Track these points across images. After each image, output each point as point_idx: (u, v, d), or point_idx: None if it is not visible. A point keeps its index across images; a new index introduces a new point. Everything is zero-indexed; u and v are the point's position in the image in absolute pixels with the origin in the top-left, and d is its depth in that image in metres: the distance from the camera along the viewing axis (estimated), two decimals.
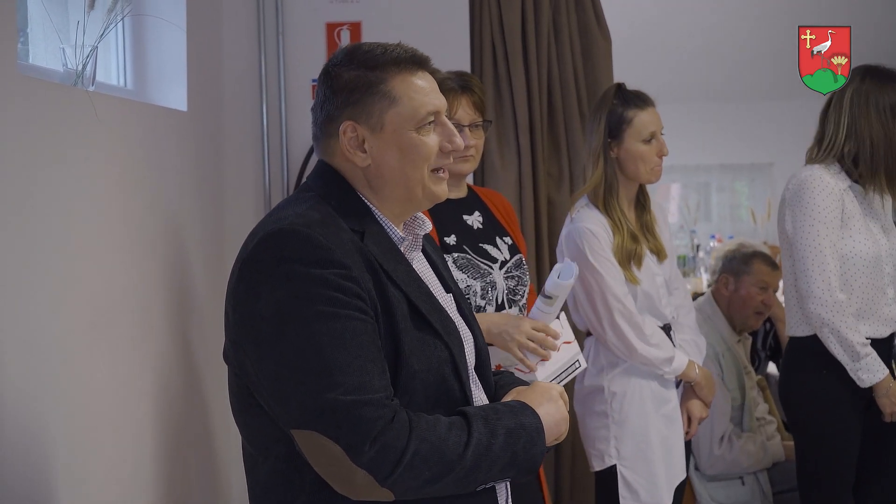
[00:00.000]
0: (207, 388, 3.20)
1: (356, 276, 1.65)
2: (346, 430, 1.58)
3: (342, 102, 1.77)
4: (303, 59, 3.91)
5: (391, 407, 1.61)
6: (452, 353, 1.75)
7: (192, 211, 3.26)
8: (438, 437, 1.63)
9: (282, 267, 1.63)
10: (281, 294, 1.62)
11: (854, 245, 3.12)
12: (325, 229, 1.67)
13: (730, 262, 4.31)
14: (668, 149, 3.10)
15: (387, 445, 1.59)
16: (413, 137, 1.77)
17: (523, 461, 1.72)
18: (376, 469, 1.59)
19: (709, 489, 3.96)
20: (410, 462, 1.60)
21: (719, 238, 8.43)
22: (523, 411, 1.75)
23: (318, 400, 1.59)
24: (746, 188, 9.47)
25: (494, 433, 1.68)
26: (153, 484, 2.67)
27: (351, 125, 1.76)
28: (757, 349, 4.52)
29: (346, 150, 1.77)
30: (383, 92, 1.76)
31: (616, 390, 3.06)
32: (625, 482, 3.04)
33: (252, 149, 3.91)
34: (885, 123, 3.11)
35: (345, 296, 1.63)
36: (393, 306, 1.69)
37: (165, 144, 3.01)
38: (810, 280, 3.09)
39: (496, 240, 2.75)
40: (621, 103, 3.07)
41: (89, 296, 2.35)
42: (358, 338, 1.62)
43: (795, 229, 3.13)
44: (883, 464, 3.25)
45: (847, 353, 3.09)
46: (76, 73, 2.50)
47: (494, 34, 4.03)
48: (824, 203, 3.09)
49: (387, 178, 1.78)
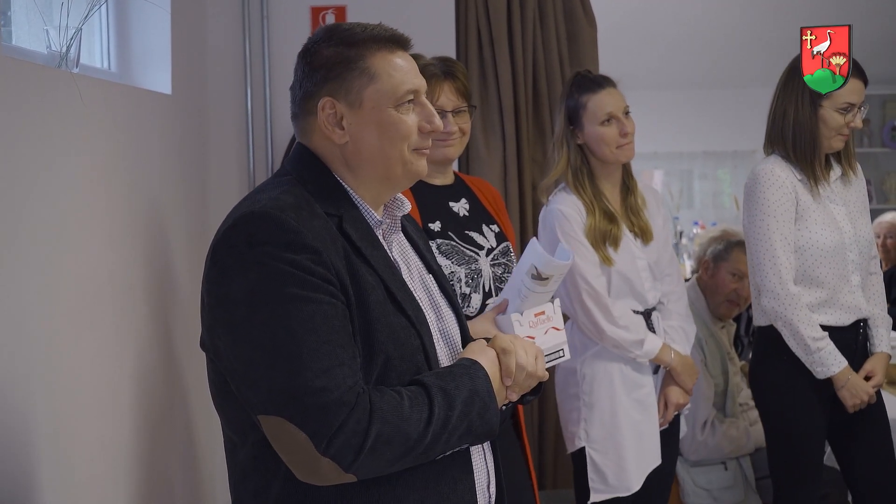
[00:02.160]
0: (189, 373, 3.19)
1: (327, 260, 1.64)
2: (313, 416, 1.58)
3: (321, 79, 1.76)
4: (287, 43, 3.89)
5: (355, 391, 1.61)
6: (423, 341, 1.75)
7: (176, 194, 3.25)
8: (401, 416, 1.63)
9: (254, 250, 1.63)
10: (253, 277, 1.62)
11: (811, 236, 3.13)
12: (297, 213, 1.66)
13: (712, 248, 4.32)
14: (651, 136, 3.14)
15: (350, 433, 1.58)
16: (392, 114, 1.76)
17: (478, 427, 1.72)
18: (340, 457, 1.59)
19: (692, 474, 3.98)
20: (373, 446, 1.60)
21: (702, 225, 8.45)
22: (476, 373, 1.75)
23: (286, 385, 1.59)
24: (729, 175, 9.47)
25: (452, 405, 1.68)
26: (135, 467, 2.66)
27: (329, 101, 1.75)
28: (740, 335, 4.54)
29: (324, 126, 1.76)
30: (362, 68, 1.75)
31: (587, 372, 3.09)
32: (593, 464, 3.07)
33: (236, 133, 3.90)
34: (814, 108, 3.15)
35: (316, 279, 1.62)
36: (367, 292, 1.69)
37: (150, 127, 3.00)
38: (763, 274, 3.12)
39: (482, 227, 2.75)
40: (577, 89, 3.13)
41: (73, 279, 2.34)
42: (328, 322, 1.62)
43: (748, 224, 3.17)
44: (865, 445, 3.27)
45: (800, 347, 3.12)
46: (60, 56, 2.48)
47: (480, 19, 4.03)
48: (774, 197, 3.11)
49: (365, 155, 1.77)
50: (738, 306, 4.19)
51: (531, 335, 2.13)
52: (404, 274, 1.83)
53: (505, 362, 1.80)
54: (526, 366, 1.81)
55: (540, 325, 2.04)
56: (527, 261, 2.01)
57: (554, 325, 2.07)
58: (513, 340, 1.84)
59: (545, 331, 2.05)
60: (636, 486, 3.07)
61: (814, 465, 3.22)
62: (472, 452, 1.82)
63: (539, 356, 1.86)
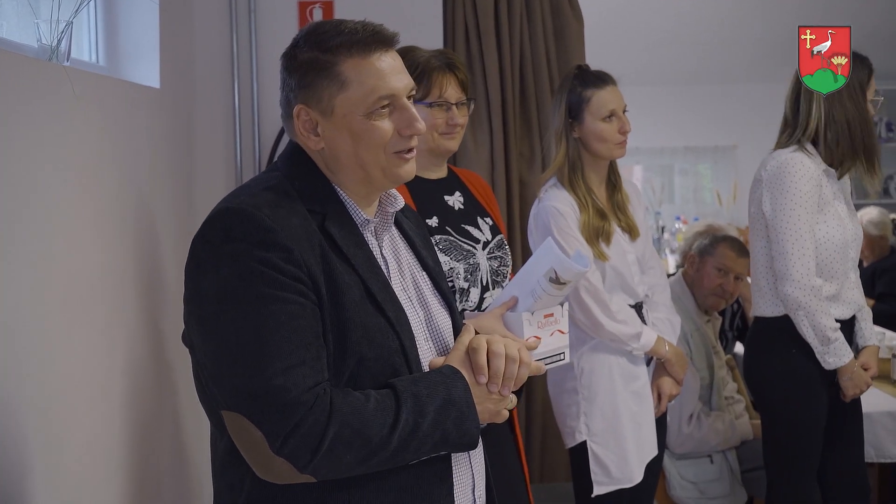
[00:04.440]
0: (178, 369, 3.18)
1: (298, 258, 1.64)
2: (269, 416, 1.58)
3: (296, 85, 1.75)
4: (275, 37, 3.89)
5: (314, 391, 1.60)
6: (403, 343, 1.73)
7: (164, 188, 3.24)
8: (362, 420, 1.61)
9: (227, 246, 1.64)
10: (224, 273, 1.63)
11: (828, 230, 3.15)
12: (273, 211, 1.66)
13: (697, 242, 4.35)
14: (632, 131, 3.14)
15: (305, 433, 1.58)
16: (362, 122, 1.73)
17: (455, 437, 1.70)
18: (294, 458, 1.59)
19: (678, 467, 4.00)
20: (330, 447, 1.59)
21: (684, 220, 8.50)
22: (454, 382, 1.72)
23: (247, 383, 1.60)
24: (710, 170, 9.52)
25: (423, 412, 1.66)
26: (126, 462, 2.66)
27: (303, 109, 1.75)
28: (724, 329, 4.56)
29: (300, 133, 1.77)
30: (333, 75, 1.72)
31: (585, 367, 3.09)
32: (595, 458, 3.06)
33: (224, 127, 3.89)
34: (858, 102, 3.14)
35: (285, 278, 1.62)
36: (342, 291, 1.68)
37: (140, 121, 2.99)
38: (789, 263, 3.11)
39: (478, 220, 2.74)
40: (580, 83, 3.12)
41: (65, 273, 2.33)
42: (294, 321, 1.61)
43: (775, 212, 3.14)
44: (843, 436, 3.31)
45: (818, 338, 3.13)
46: (51, 49, 2.47)
47: (467, 14, 4.03)
48: (805, 187, 3.11)
49: (342, 161, 1.76)
50: (724, 300, 4.22)
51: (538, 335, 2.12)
52: (393, 272, 1.81)
53: (474, 360, 1.76)
54: (500, 353, 1.76)
55: (547, 326, 2.03)
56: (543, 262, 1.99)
57: (560, 327, 2.06)
58: (488, 339, 1.79)
59: (551, 333, 2.04)
60: (638, 478, 3.08)
61: (814, 456, 3.25)
62: (455, 457, 1.79)
63: (521, 347, 1.82)
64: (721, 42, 8.29)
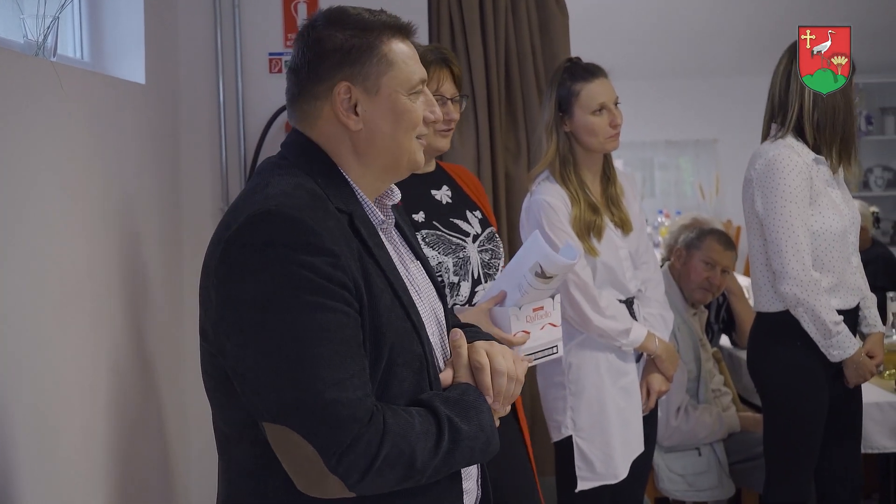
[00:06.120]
0: (160, 366, 3.17)
1: (344, 264, 1.59)
2: (323, 431, 1.54)
3: (336, 63, 1.72)
4: (259, 32, 3.88)
5: (367, 407, 1.56)
6: (424, 348, 1.72)
7: (150, 184, 3.22)
8: (410, 443, 1.59)
9: (269, 251, 1.56)
10: (266, 279, 1.55)
11: (824, 221, 3.15)
12: (314, 213, 1.60)
13: (684, 236, 4.35)
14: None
15: (361, 452, 1.54)
16: (406, 102, 1.74)
17: (477, 459, 1.71)
18: (347, 475, 1.55)
19: (666, 460, 4.01)
20: (380, 468, 1.56)
21: (667, 213, 8.51)
22: (482, 407, 1.72)
23: (297, 396, 1.54)
24: (690, 164, 9.54)
25: (458, 439, 1.65)
26: (112, 460, 2.65)
27: (346, 86, 1.72)
28: (710, 322, 4.57)
29: (340, 112, 1.73)
30: (380, 55, 1.73)
31: (573, 361, 3.08)
32: (580, 453, 3.06)
33: (209, 122, 3.87)
34: (846, 89, 3.15)
35: (332, 285, 1.56)
36: (377, 297, 1.64)
37: (125, 117, 2.97)
38: (784, 260, 3.12)
39: (466, 214, 2.72)
40: (569, 77, 3.10)
41: (55, 271, 2.31)
42: (341, 331, 1.57)
43: (766, 209, 3.14)
44: (841, 429, 3.32)
45: (820, 332, 3.14)
46: (37, 44, 2.45)
47: (452, 8, 4.02)
48: (794, 182, 3.11)
49: (377, 143, 1.74)
50: (711, 293, 4.23)
51: (527, 329, 2.11)
52: (399, 268, 1.78)
53: (480, 380, 1.75)
54: (503, 371, 1.76)
55: (537, 320, 2.02)
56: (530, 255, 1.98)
57: (551, 321, 2.04)
58: (488, 352, 1.77)
59: (541, 326, 2.03)
60: (623, 474, 3.07)
61: (814, 449, 3.25)
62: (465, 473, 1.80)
63: (516, 359, 1.81)
64: (701, 36, 8.31)
